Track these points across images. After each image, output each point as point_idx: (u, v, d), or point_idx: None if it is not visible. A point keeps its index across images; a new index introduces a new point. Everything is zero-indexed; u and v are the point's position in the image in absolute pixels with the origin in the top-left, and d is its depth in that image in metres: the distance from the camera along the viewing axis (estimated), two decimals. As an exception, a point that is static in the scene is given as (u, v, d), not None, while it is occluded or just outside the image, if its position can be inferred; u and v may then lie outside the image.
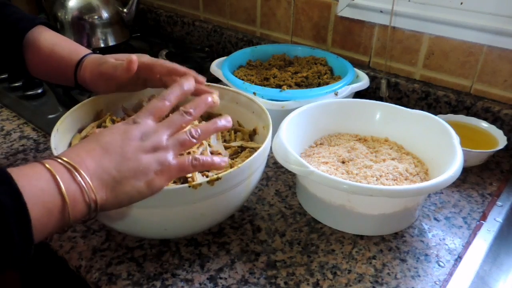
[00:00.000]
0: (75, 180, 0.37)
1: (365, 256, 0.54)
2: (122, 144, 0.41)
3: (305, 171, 0.52)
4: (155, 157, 0.42)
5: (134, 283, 0.50)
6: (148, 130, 0.43)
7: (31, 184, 0.35)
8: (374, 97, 0.90)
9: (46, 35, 0.62)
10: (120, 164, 0.40)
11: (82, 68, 0.60)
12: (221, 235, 0.57)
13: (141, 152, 0.41)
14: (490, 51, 0.76)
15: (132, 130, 0.42)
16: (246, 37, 1.11)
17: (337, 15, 0.92)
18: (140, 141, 0.42)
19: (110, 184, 0.40)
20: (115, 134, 0.42)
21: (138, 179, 0.41)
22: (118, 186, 0.40)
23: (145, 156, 0.41)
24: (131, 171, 0.40)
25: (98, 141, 0.41)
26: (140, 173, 0.41)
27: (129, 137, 0.42)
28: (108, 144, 0.41)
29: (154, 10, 1.34)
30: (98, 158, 0.40)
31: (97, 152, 0.40)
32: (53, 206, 0.36)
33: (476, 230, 0.59)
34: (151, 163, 0.41)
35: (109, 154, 0.40)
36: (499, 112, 0.76)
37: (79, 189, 0.37)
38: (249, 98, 0.64)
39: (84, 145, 0.41)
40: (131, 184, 0.40)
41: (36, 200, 0.35)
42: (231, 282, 0.50)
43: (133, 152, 0.41)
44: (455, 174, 0.52)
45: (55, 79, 0.65)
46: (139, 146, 0.42)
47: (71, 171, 0.38)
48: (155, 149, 0.42)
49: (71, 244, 0.55)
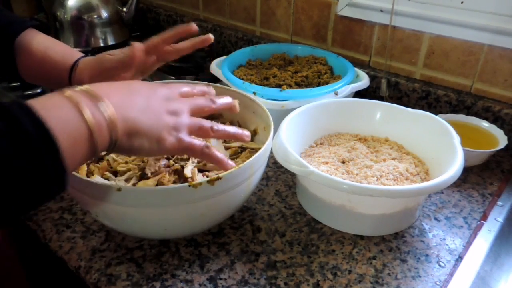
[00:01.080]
0: (99, 109, 0.37)
1: (366, 257, 0.54)
2: (148, 94, 0.42)
3: (305, 171, 0.52)
4: (172, 120, 0.43)
5: (133, 284, 0.50)
6: (174, 96, 0.45)
7: (56, 116, 0.35)
8: (374, 96, 0.90)
9: (38, 39, 0.61)
10: (143, 109, 0.41)
11: (78, 70, 0.59)
12: (221, 235, 0.57)
13: (163, 109, 0.42)
14: (491, 51, 0.75)
15: (160, 89, 0.44)
16: (246, 37, 1.10)
17: (337, 14, 0.92)
18: (165, 100, 0.43)
19: (132, 120, 0.40)
20: (144, 85, 0.44)
21: (153, 132, 0.41)
22: (137, 126, 0.40)
23: (164, 116, 0.42)
24: (150, 119, 0.41)
25: (127, 84, 0.43)
26: (157, 126, 0.41)
27: (156, 93, 0.43)
28: (135, 89, 0.42)
29: (154, 9, 1.33)
30: (122, 95, 0.40)
31: (124, 91, 0.41)
32: (79, 135, 0.36)
33: (477, 230, 0.59)
34: (168, 122, 0.42)
35: (134, 96, 0.41)
36: (499, 111, 0.76)
37: (103, 117, 0.37)
38: (250, 98, 0.64)
39: (111, 83, 0.42)
40: (148, 130, 0.41)
41: (61, 129, 0.34)
42: (231, 283, 0.50)
43: (156, 105, 0.42)
44: (456, 174, 0.52)
45: (48, 83, 0.64)
46: (163, 103, 0.43)
47: (93, 99, 0.37)
48: (176, 114, 0.43)
49: (71, 244, 0.55)
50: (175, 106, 0.44)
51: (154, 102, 0.42)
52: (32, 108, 0.33)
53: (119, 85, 0.42)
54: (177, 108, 0.43)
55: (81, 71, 0.59)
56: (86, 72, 0.59)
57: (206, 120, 0.46)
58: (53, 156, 0.33)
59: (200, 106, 0.46)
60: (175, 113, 0.43)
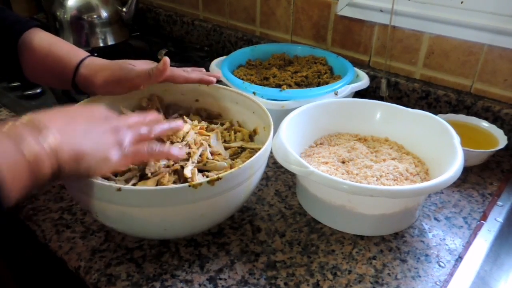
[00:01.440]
0: (37, 140, 0.38)
1: (365, 257, 0.54)
2: (87, 118, 0.45)
3: (305, 171, 0.52)
4: (113, 138, 0.45)
5: (133, 284, 0.50)
6: (112, 116, 0.47)
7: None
8: (374, 96, 0.90)
9: (41, 37, 0.61)
10: (85, 133, 0.43)
11: (90, 71, 0.59)
12: (221, 235, 0.57)
13: (103, 129, 0.44)
14: (491, 51, 0.75)
15: (97, 110, 0.47)
16: (246, 37, 1.10)
17: (337, 14, 0.92)
18: (104, 120, 0.46)
19: (72, 149, 0.41)
20: (82, 110, 0.47)
21: (98, 152, 0.43)
22: (79, 154, 0.41)
23: (105, 134, 0.44)
24: (93, 141, 0.43)
25: (64, 110, 0.44)
26: (101, 146, 0.43)
27: (95, 115, 0.46)
28: (74, 114, 0.44)
29: (154, 9, 1.33)
30: (65, 122, 0.42)
31: (66, 118, 0.43)
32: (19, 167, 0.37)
33: (477, 230, 0.59)
34: (110, 140, 0.44)
35: (76, 121, 0.43)
36: (499, 111, 0.76)
37: (43, 148, 0.38)
38: (249, 98, 0.64)
39: (53, 111, 0.43)
40: (92, 152, 0.42)
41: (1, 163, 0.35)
42: (231, 283, 0.50)
43: (97, 126, 0.44)
44: (456, 174, 0.52)
45: (51, 81, 0.64)
46: (102, 124, 0.45)
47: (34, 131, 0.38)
48: (115, 131, 0.45)
49: (70, 244, 0.55)
50: (113, 123, 0.46)
51: (95, 124, 0.44)
52: None
53: (60, 112, 0.44)
54: (116, 125, 0.46)
55: (94, 72, 0.59)
56: (103, 75, 0.59)
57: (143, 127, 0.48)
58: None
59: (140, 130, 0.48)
60: (116, 130, 0.45)
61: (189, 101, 0.69)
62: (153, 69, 0.56)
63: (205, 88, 0.66)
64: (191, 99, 0.69)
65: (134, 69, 0.57)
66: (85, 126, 0.43)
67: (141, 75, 0.57)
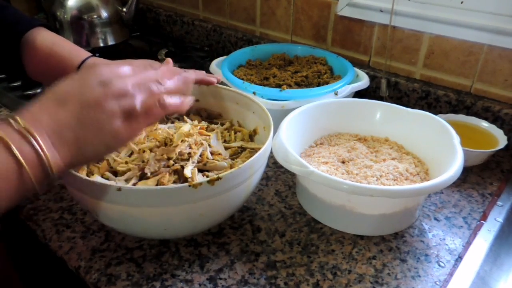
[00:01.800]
0: (27, 141, 0.35)
1: (365, 256, 0.54)
2: (81, 91, 0.38)
3: (305, 171, 0.52)
4: (119, 104, 0.39)
5: (133, 284, 0.50)
6: (110, 76, 0.39)
7: None
8: (374, 96, 0.90)
9: (44, 36, 0.62)
10: (81, 116, 0.37)
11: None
12: (221, 235, 0.57)
13: (103, 98, 0.38)
14: (491, 51, 0.75)
15: (92, 74, 0.39)
16: (246, 37, 1.10)
17: (337, 14, 0.92)
18: (100, 86, 0.38)
19: (72, 140, 0.37)
20: (74, 82, 0.39)
21: (103, 131, 0.38)
22: (81, 140, 0.37)
23: (108, 103, 0.38)
24: (93, 120, 0.37)
25: (54, 93, 0.38)
26: (105, 123, 0.38)
27: (90, 83, 0.38)
28: (65, 94, 0.38)
29: (154, 10, 1.33)
30: (54, 112, 0.37)
31: (53, 107, 0.37)
32: (9, 172, 0.34)
33: (477, 230, 0.59)
34: (115, 112, 0.38)
35: (66, 106, 0.37)
36: (499, 111, 0.76)
37: (33, 150, 0.35)
38: (249, 98, 0.64)
39: (39, 101, 0.38)
40: (96, 136, 0.38)
41: None
42: (231, 283, 0.50)
43: (95, 99, 0.38)
44: (456, 174, 0.52)
45: (52, 80, 0.64)
46: (101, 92, 0.38)
47: (21, 132, 0.35)
48: (120, 95, 0.39)
49: (70, 244, 0.55)
50: (115, 86, 0.39)
51: (89, 96, 0.38)
52: None
53: (47, 98, 0.38)
54: (118, 88, 0.39)
55: None
56: None
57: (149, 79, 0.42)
58: None
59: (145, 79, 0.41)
60: (118, 95, 0.39)
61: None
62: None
63: (205, 88, 0.66)
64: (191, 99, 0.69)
65: None
66: (79, 106, 0.37)
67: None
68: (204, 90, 0.67)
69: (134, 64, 0.44)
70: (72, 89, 0.38)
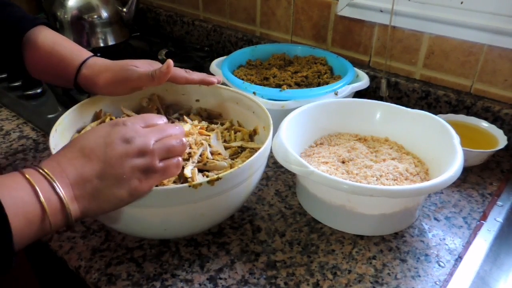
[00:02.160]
0: (54, 191, 0.37)
1: (365, 256, 0.54)
2: (105, 149, 0.40)
3: (305, 171, 0.52)
4: (139, 163, 0.41)
5: (133, 284, 0.50)
6: (134, 134, 0.42)
7: (12, 195, 0.35)
8: (374, 96, 0.90)
9: (46, 34, 0.62)
10: (103, 172, 0.40)
11: (93, 71, 0.59)
12: (221, 235, 0.57)
13: (125, 157, 0.40)
14: (490, 51, 0.75)
15: (116, 133, 0.42)
16: (246, 37, 1.10)
17: (337, 14, 0.92)
18: (124, 144, 0.41)
19: (92, 193, 0.40)
20: (99, 138, 0.41)
21: (121, 187, 0.41)
22: (100, 194, 0.40)
23: (129, 161, 0.41)
24: (113, 178, 0.40)
25: (81, 148, 0.41)
26: (124, 180, 0.40)
27: (113, 141, 0.41)
28: (90, 151, 0.40)
29: (154, 10, 1.33)
30: (79, 166, 0.39)
31: (79, 160, 0.40)
32: (33, 217, 0.36)
33: (477, 230, 0.59)
34: (135, 170, 0.41)
35: (91, 162, 0.40)
36: (499, 111, 0.76)
37: (59, 200, 0.38)
38: (250, 98, 0.64)
39: (66, 152, 0.41)
40: (113, 191, 0.40)
41: (17, 210, 0.35)
42: (231, 283, 0.50)
43: (117, 158, 0.40)
44: (456, 174, 0.52)
45: (53, 79, 0.65)
46: (123, 150, 0.41)
47: (50, 182, 0.38)
48: (141, 154, 0.41)
49: (71, 244, 0.55)
50: (138, 144, 0.41)
51: (113, 154, 0.40)
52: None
53: (74, 151, 0.40)
54: (141, 147, 0.41)
55: (97, 72, 0.59)
56: (105, 76, 0.58)
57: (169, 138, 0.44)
58: (3, 240, 0.34)
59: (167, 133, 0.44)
60: (140, 154, 0.41)
61: (189, 101, 0.69)
62: (156, 71, 0.56)
63: (205, 88, 0.66)
64: (192, 99, 0.69)
65: (136, 71, 0.57)
66: (102, 163, 0.40)
67: (143, 77, 0.57)
68: (204, 90, 0.68)
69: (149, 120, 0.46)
70: (98, 145, 0.41)
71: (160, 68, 0.56)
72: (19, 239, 0.35)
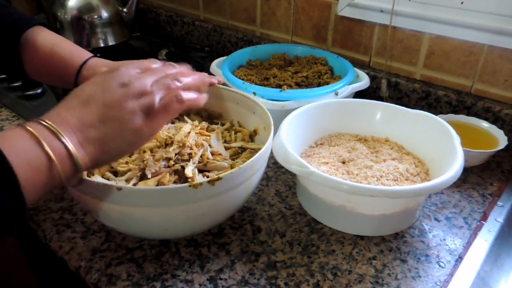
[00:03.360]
0: (58, 138, 0.37)
1: (366, 257, 0.54)
2: (103, 94, 0.40)
3: (305, 171, 0.52)
4: (139, 103, 0.41)
5: (134, 284, 0.50)
6: (130, 78, 0.42)
7: (13, 145, 0.35)
8: (374, 97, 0.90)
9: (44, 35, 0.61)
10: (104, 115, 0.40)
11: (91, 73, 0.59)
12: (221, 235, 0.57)
13: (124, 99, 0.40)
14: (491, 51, 0.75)
15: (113, 77, 0.42)
16: (246, 37, 1.10)
17: (337, 14, 0.92)
18: (122, 88, 0.41)
19: (97, 138, 0.39)
20: (95, 85, 0.41)
21: (125, 129, 0.40)
22: (106, 139, 0.40)
23: (129, 103, 0.40)
24: (116, 120, 0.40)
25: (77, 96, 0.41)
26: (127, 121, 0.40)
27: (111, 85, 0.41)
28: (88, 97, 0.40)
29: (154, 10, 1.33)
30: (79, 113, 0.39)
31: (78, 108, 0.40)
32: (39, 164, 0.36)
33: (477, 230, 0.59)
34: (135, 111, 0.41)
35: (90, 107, 0.40)
36: (499, 112, 0.76)
37: (64, 147, 0.37)
38: (250, 99, 0.64)
39: (64, 104, 0.41)
40: (119, 135, 0.40)
41: (21, 159, 0.34)
42: (231, 283, 0.50)
43: (116, 100, 0.40)
44: (456, 175, 0.52)
45: (53, 80, 0.64)
46: (122, 93, 0.41)
47: (52, 131, 0.37)
48: (140, 95, 0.41)
49: (71, 244, 0.55)
50: (135, 86, 0.41)
51: (112, 97, 0.40)
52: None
53: (72, 100, 0.41)
54: (139, 88, 0.41)
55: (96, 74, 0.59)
56: None
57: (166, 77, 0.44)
58: (12, 189, 0.33)
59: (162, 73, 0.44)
60: (139, 95, 0.41)
61: (189, 101, 0.69)
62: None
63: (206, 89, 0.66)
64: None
65: None
66: (102, 107, 0.40)
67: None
68: (204, 90, 0.67)
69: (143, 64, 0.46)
70: (95, 91, 0.41)
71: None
72: (29, 188, 0.35)
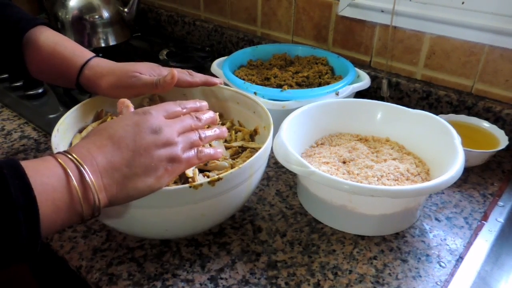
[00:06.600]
0: (84, 178, 0.38)
1: (366, 257, 0.54)
2: (135, 138, 0.41)
3: (306, 171, 0.52)
4: (166, 153, 0.42)
5: (134, 283, 0.50)
6: (161, 124, 0.43)
7: (43, 181, 0.35)
8: (375, 97, 0.90)
9: (47, 34, 0.62)
10: (132, 160, 0.40)
11: (96, 73, 0.59)
12: (222, 235, 0.57)
13: (153, 147, 0.42)
14: (492, 51, 0.75)
15: (145, 122, 0.42)
16: (247, 37, 1.10)
17: (338, 14, 0.92)
18: (152, 134, 0.42)
19: (120, 181, 0.40)
20: (127, 127, 0.42)
21: (149, 175, 0.41)
22: (128, 182, 0.40)
23: (157, 151, 0.42)
24: (142, 167, 0.41)
25: (110, 136, 0.41)
26: (151, 168, 0.41)
27: (142, 130, 0.42)
28: (120, 139, 0.41)
29: (155, 10, 1.34)
30: (109, 154, 0.40)
31: (109, 148, 0.40)
32: (62, 204, 0.36)
33: (478, 230, 0.59)
34: (162, 159, 0.42)
35: (120, 151, 0.40)
36: (500, 112, 0.76)
37: (90, 190, 0.38)
38: (250, 98, 0.64)
39: (95, 140, 0.41)
40: (142, 179, 0.41)
41: (47, 196, 0.35)
42: (232, 283, 0.50)
43: (146, 147, 0.41)
44: (457, 174, 0.52)
45: (54, 79, 0.65)
46: (152, 140, 0.42)
47: (80, 170, 0.38)
48: (167, 144, 0.43)
49: (72, 244, 0.55)
50: (165, 135, 0.43)
51: (142, 143, 0.41)
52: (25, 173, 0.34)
53: (103, 139, 0.41)
54: (167, 138, 0.43)
55: (100, 75, 0.59)
56: (108, 79, 0.59)
57: (192, 132, 0.46)
58: (31, 224, 0.34)
59: (189, 125, 0.46)
60: (167, 144, 0.43)
61: (190, 101, 0.69)
62: (160, 81, 0.57)
63: (206, 88, 0.66)
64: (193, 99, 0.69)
65: (141, 78, 0.58)
66: (132, 153, 0.40)
67: (148, 84, 0.58)
68: (205, 90, 0.68)
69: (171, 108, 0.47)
70: (127, 134, 0.41)
71: (164, 78, 0.57)
72: (47, 223, 0.35)
